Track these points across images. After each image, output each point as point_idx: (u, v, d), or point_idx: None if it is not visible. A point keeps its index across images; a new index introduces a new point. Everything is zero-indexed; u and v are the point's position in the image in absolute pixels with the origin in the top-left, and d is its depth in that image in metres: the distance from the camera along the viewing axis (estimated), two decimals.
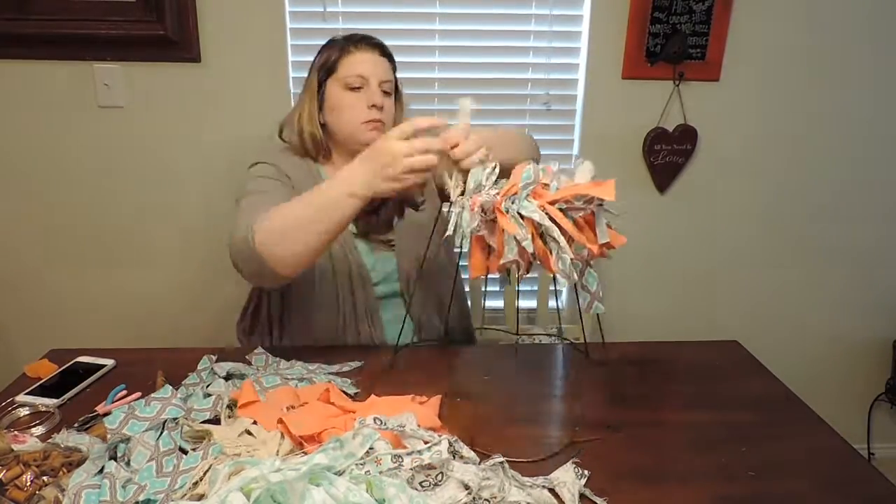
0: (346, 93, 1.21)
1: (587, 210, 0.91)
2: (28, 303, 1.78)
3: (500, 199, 0.90)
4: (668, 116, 1.72)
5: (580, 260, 0.95)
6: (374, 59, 1.21)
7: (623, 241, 0.95)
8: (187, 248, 1.74)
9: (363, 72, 1.20)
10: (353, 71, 1.20)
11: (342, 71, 1.21)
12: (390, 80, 1.24)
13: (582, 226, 0.93)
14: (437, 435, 0.83)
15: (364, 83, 1.20)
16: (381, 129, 1.21)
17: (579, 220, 0.93)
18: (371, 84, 1.20)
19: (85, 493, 0.74)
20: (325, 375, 1.07)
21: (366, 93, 1.20)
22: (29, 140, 1.64)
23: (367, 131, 1.21)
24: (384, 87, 1.22)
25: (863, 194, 1.84)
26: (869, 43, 1.70)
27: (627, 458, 0.88)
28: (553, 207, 0.90)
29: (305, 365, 1.09)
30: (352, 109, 1.21)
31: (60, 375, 1.06)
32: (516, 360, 1.19)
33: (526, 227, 0.88)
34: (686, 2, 1.62)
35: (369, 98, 1.20)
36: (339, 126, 1.23)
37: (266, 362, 1.10)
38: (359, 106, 1.20)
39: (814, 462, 0.88)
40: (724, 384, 1.10)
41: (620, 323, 1.90)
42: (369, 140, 1.18)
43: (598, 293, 0.97)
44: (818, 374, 1.98)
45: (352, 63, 1.20)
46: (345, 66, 1.21)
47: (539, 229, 0.89)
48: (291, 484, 0.68)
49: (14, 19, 1.52)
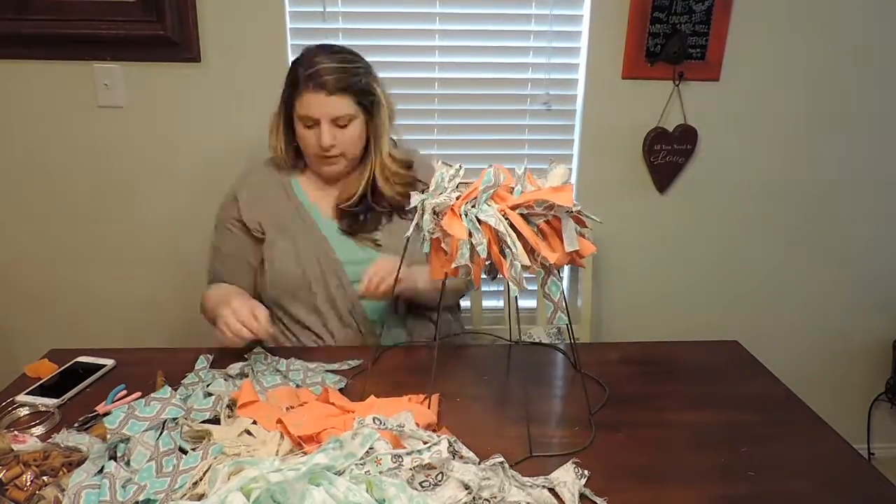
0: (303, 128, 1.24)
1: (548, 216, 0.88)
2: (28, 303, 1.78)
3: (460, 202, 0.87)
4: (668, 116, 1.72)
5: (539, 268, 0.90)
6: (321, 100, 1.20)
7: (593, 250, 0.91)
8: (187, 248, 1.74)
9: (312, 113, 1.21)
10: (305, 111, 1.22)
11: (297, 108, 1.23)
12: (345, 114, 1.22)
13: (547, 232, 0.89)
14: (436, 435, 0.83)
15: (315, 123, 1.22)
16: (336, 161, 1.26)
17: (543, 226, 0.89)
18: (321, 124, 1.21)
19: (85, 493, 0.74)
20: (325, 373, 1.07)
21: (317, 131, 1.22)
22: (29, 140, 1.64)
23: (323, 165, 1.28)
24: (339, 123, 1.22)
25: (863, 194, 1.84)
26: (868, 43, 1.70)
27: (627, 458, 0.88)
28: (514, 213, 0.87)
29: (305, 363, 1.10)
30: (309, 143, 1.25)
31: (60, 375, 1.06)
32: (516, 360, 1.19)
33: (483, 231, 0.86)
34: (686, 2, 1.62)
35: (320, 138, 1.22)
36: (304, 152, 1.30)
37: (266, 361, 1.10)
38: (314, 142, 1.24)
39: (814, 462, 0.88)
40: (724, 384, 1.10)
41: (620, 323, 1.90)
42: (325, 173, 1.30)
43: (560, 303, 0.91)
44: (818, 374, 1.98)
45: (302, 104, 1.21)
46: (298, 105, 1.22)
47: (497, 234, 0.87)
48: (291, 484, 0.68)
49: (14, 19, 1.52)
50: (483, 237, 0.85)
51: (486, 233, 0.86)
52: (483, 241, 0.85)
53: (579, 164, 1.77)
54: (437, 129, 1.73)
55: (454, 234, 0.86)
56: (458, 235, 0.85)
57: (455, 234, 0.85)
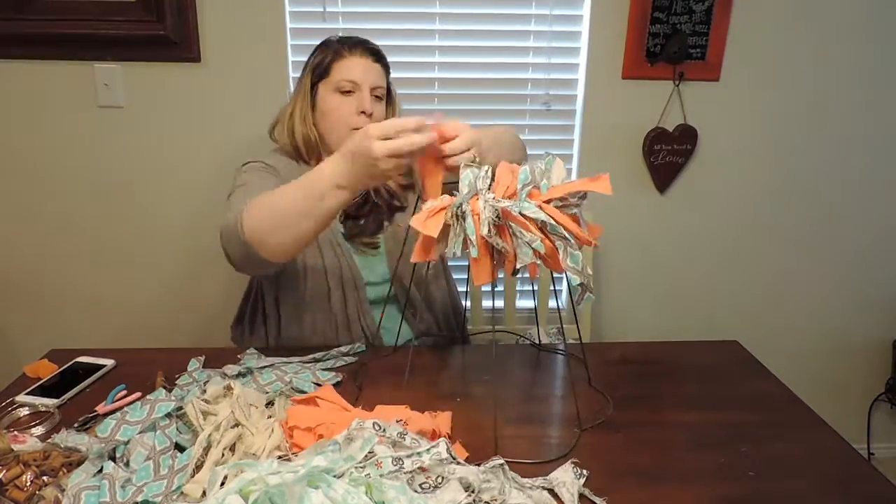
0: (337, 96, 1.21)
1: (581, 206, 0.91)
2: (28, 303, 1.78)
3: (509, 202, 0.89)
4: (668, 116, 1.72)
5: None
6: (366, 64, 1.21)
7: (601, 230, 0.94)
8: (187, 248, 1.74)
9: (355, 77, 1.20)
10: (346, 76, 1.20)
11: (335, 75, 1.21)
12: (382, 85, 1.24)
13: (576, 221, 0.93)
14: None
15: (355, 88, 1.21)
16: None
17: (572, 216, 0.92)
18: (363, 89, 1.20)
19: (85, 494, 0.74)
20: (321, 371, 1.07)
21: (356, 98, 1.21)
22: (29, 140, 1.65)
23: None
24: (376, 93, 1.22)
25: (863, 194, 1.84)
26: (868, 43, 1.70)
27: (627, 458, 0.88)
28: (549, 206, 0.89)
29: (301, 361, 1.10)
30: (341, 114, 1.21)
31: (60, 375, 1.06)
32: (515, 360, 1.19)
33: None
34: (686, 2, 1.62)
35: (360, 104, 1.20)
36: (329, 130, 1.24)
37: (259, 362, 1.09)
38: (349, 111, 1.21)
39: (814, 462, 0.88)
40: (724, 384, 1.10)
41: (620, 323, 1.90)
42: None
43: (589, 284, 0.95)
44: (818, 374, 1.98)
45: (345, 67, 1.20)
46: (337, 70, 1.21)
47: (545, 228, 0.89)
48: (289, 487, 0.68)
49: (14, 19, 1.52)
50: (537, 233, 0.86)
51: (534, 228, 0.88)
52: (537, 238, 0.86)
53: (579, 165, 1.77)
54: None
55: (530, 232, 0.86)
56: (531, 233, 0.86)
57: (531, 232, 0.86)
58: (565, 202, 0.90)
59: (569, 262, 0.87)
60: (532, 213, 0.87)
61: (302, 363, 1.09)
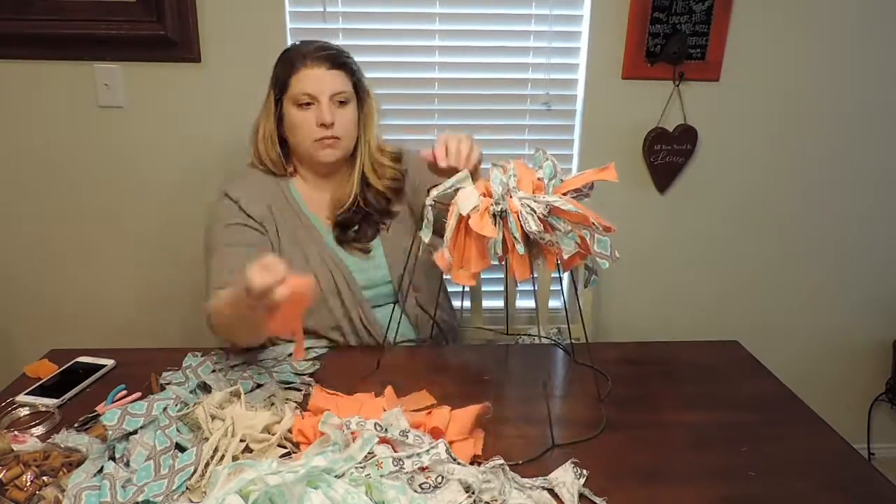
0: (298, 110, 1.20)
1: (589, 196, 0.97)
2: (28, 303, 1.78)
3: (548, 198, 0.92)
4: (668, 116, 1.71)
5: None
6: (320, 74, 1.18)
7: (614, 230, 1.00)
8: (188, 248, 1.74)
9: (310, 90, 1.18)
10: (302, 89, 1.18)
11: (292, 89, 1.20)
12: (344, 90, 1.21)
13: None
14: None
15: (313, 100, 1.19)
16: (334, 145, 1.21)
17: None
18: (320, 100, 1.18)
19: (86, 494, 0.74)
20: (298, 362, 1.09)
21: (315, 110, 1.19)
22: (29, 140, 1.64)
23: (321, 149, 1.21)
24: (339, 98, 1.20)
25: (863, 194, 1.84)
26: (868, 43, 1.70)
27: (627, 457, 0.88)
28: (567, 197, 0.94)
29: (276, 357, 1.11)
30: (304, 128, 1.20)
31: (60, 375, 1.06)
32: (515, 359, 1.19)
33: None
34: (686, 2, 1.62)
35: (318, 116, 1.19)
36: (296, 143, 1.24)
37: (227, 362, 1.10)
38: (310, 124, 1.20)
39: (814, 462, 0.88)
40: (724, 384, 1.10)
41: (620, 323, 1.90)
42: (323, 158, 1.22)
43: (594, 268, 1.01)
44: (818, 374, 1.97)
45: (300, 81, 1.18)
46: (294, 84, 1.19)
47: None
48: (289, 487, 0.68)
49: (14, 19, 1.52)
50: (569, 224, 0.90)
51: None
52: (570, 227, 0.88)
53: (579, 164, 1.77)
54: (437, 129, 1.73)
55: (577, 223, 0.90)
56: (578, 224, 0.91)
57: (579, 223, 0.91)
58: (580, 193, 0.95)
59: (597, 248, 0.92)
60: (563, 206, 0.90)
61: (276, 360, 1.10)
